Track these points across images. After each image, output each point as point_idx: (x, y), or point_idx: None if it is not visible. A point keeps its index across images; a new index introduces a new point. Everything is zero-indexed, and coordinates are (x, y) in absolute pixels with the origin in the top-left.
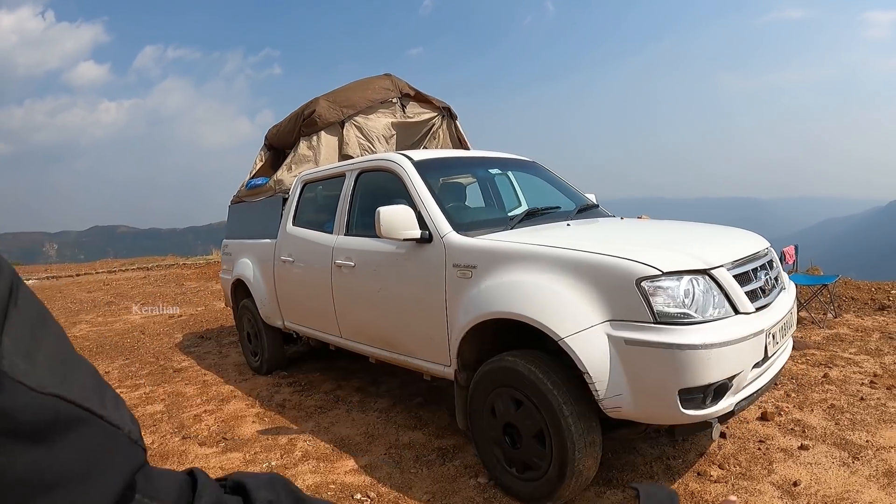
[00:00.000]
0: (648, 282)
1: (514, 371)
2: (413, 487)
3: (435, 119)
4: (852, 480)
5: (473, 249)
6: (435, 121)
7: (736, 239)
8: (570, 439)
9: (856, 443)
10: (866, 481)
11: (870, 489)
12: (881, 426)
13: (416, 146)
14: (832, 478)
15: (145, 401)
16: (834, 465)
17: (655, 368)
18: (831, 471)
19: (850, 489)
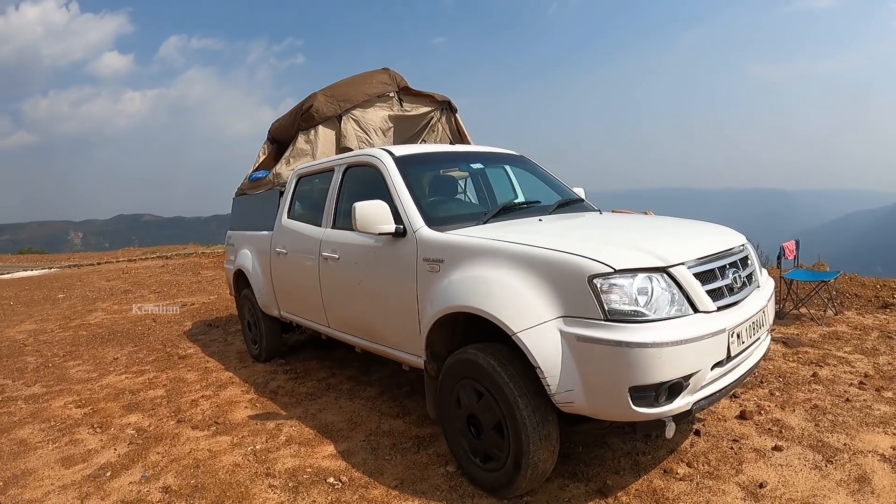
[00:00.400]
0: (601, 279)
1: (475, 363)
2: (384, 473)
3: (433, 112)
4: (821, 484)
5: (441, 244)
6: (433, 114)
7: (706, 236)
8: (525, 432)
9: (832, 445)
10: (836, 486)
11: (838, 494)
12: (862, 429)
13: (415, 139)
14: (801, 481)
15: (148, 386)
16: (805, 467)
17: (606, 365)
18: (801, 473)
19: (818, 493)
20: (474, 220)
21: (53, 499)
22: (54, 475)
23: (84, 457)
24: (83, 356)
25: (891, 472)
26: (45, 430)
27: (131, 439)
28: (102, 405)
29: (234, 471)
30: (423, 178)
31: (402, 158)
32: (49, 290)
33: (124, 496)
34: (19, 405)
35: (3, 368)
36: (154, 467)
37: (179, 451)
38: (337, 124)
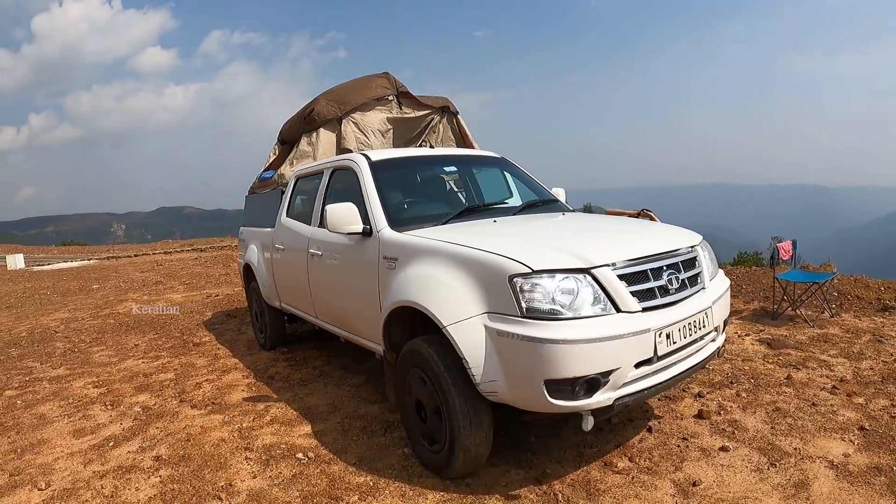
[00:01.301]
0: (520, 279)
1: (419, 354)
2: (348, 452)
3: (432, 115)
4: (757, 487)
5: (398, 243)
6: (433, 117)
7: (645, 238)
8: (456, 418)
9: (782, 449)
10: (771, 490)
11: (771, 498)
12: (818, 435)
13: (414, 141)
14: (737, 482)
15: (160, 370)
16: (746, 469)
17: (523, 359)
18: (740, 475)
19: (750, 496)
20: (435, 222)
21: (61, 463)
22: (65, 444)
23: (93, 429)
24: (107, 342)
25: (834, 480)
26: (63, 406)
27: (136, 416)
28: (117, 386)
29: (219, 444)
30: (397, 182)
31: (376, 163)
32: (85, 280)
33: (121, 462)
34: (44, 385)
35: (35, 352)
36: (151, 439)
37: (176, 427)
38: (337, 127)
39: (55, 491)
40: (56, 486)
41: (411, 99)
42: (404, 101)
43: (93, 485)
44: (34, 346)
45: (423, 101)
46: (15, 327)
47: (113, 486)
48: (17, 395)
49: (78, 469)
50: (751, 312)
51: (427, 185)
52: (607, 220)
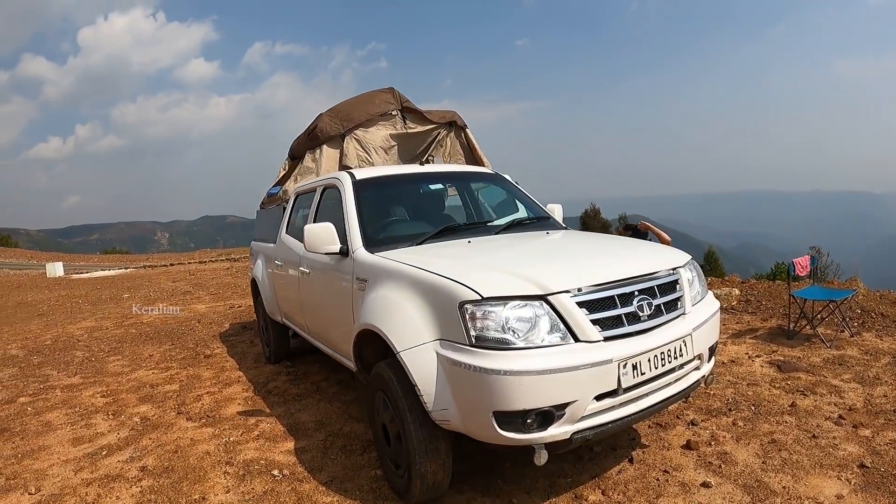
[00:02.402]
0: (471, 305)
1: (382, 377)
2: (323, 470)
3: (438, 130)
4: None
5: (368, 265)
6: (439, 131)
7: (619, 260)
8: (412, 444)
9: (770, 487)
10: None
11: None
12: (813, 472)
13: (420, 156)
14: None
15: (167, 381)
16: None
17: (471, 389)
18: None
19: None
20: (409, 242)
21: (55, 469)
22: (63, 451)
23: (91, 438)
24: (124, 352)
25: None
26: (69, 414)
27: (134, 426)
28: (123, 396)
29: (203, 457)
30: (381, 200)
31: (360, 181)
32: (117, 289)
33: (109, 471)
34: (56, 393)
35: (54, 360)
36: (142, 450)
37: (167, 438)
38: (340, 143)
39: (43, 496)
40: (45, 491)
41: (416, 114)
42: (409, 116)
43: (78, 491)
44: (55, 354)
45: (428, 115)
46: (42, 335)
47: (96, 493)
48: (30, 401)
49: (68, 476)
50: (767, 331)
51: (414, 204)
52: (588, 240)
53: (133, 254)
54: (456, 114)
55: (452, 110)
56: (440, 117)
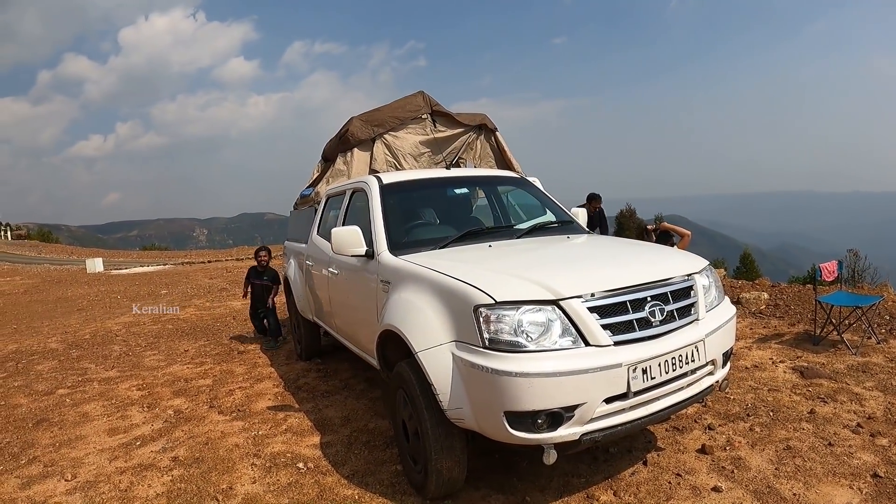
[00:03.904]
0: (485, 309)
1: (402, 376)
2: (346, 464)
3: (469, 133)
4: None
5: (392, 268)
6: (469, 135)
7: (633, 266)
8: (429, 441)
9: (780, 493)
10: None
11: None
12: (825, 480)
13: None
14: None
15: (201, 375)
16: None
17: (484, 390)
18: None
19: None
20: (432, 246)
21: (91, 458)
22: (99, 441)
23: (126, 429)
24: (161, 347)
25: None
26: (105, 406)
27: (168, 418)
28: (158, 389)
29: (232, 449)
30: (407, 204)
31: (386, 186)
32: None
33: (142, 461)
34: (94, 385)
35: (93, 354)
36: (174, 441)
37: (199, 431)
38: (371, 147)
39: (78, 483)
40: (80, 478)
41: (446, 117)
42: (439, 120)
43: (112, 479)
44: (94, 348)
45: (459, 118)
46: (81, 329)
47: (129, 481)
48: (68, 393)
49: (103, 464)
50: (793, 336)
51: (439, 208)
52: (607, 245)
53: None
54: (486, 116)
55: (483, 113)
56: (470, 120)
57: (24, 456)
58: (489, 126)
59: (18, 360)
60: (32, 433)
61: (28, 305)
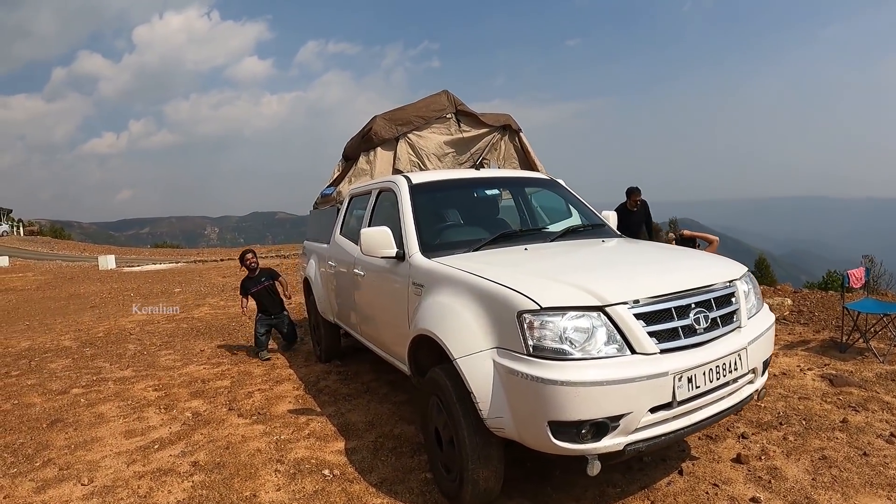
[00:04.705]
0: (529, 315)
1: (437, 382)
2: (373, 472)
3: (493, 134)
4: None
5: (425, 270)
6: (494, 135)
7: (676, 272)
8: (465, 450)
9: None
10: None
11: None
12: (863, 491)
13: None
14: None
15: (218, 377)
16: None
17: (527, 398)
18: None
19: None
20: (465, 248)
21: (108, 462)
22: (115, 444)
23: (143, 431)
24: (176, 347)
25: None
26: (121, 407)
27: (186, 421)
28: (175, 390)
29: (254, 455)
30: (437, 205)
31: (416, 186)
32: (169, 284)
33: (161, 465)
34: (109, 385)
35: (107, 353)
36: (194, 445)
37: (219, 434)
38: (394, 146)
39: (95, 487)
40: (98, 482)
41: (471, 117)
42: (463, 119)
43: (131, 484)
44: (108, 346)
45: (483, 119)
46: (94, 327)
47: (148, 486)
48: (83, 393)
49: (121, 468)
50: (819, 343)
51: (469, 209)
52: (644, 249)
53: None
54: (510, 117)
55: (507, 113)
56: (494, 120)
57: (39, 458)
58: (513, 127)
59: (32, 358)
60: (47, 434)
61: (41, 302)
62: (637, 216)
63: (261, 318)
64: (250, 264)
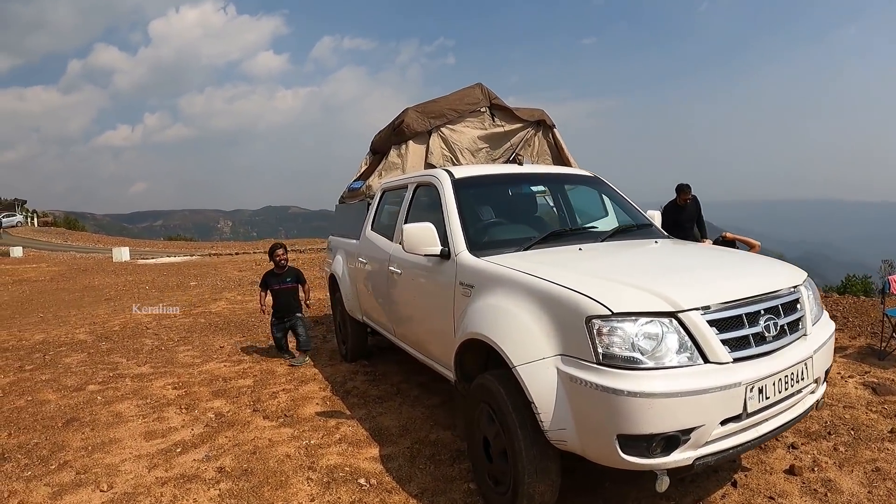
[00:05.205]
0: (599, 321)
1: (488, 389)
2: (412, 481)
3: (528, 129)
4: None
5: (475, 270)
6: (528, 130)
7: (744, 276)
8: (522, 462)
9: None
10: None
11: None
12: None
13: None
14: None
15: (240, 375)
16: None
17: (595, 410)
18: None
19: None
20: (517, 247)
21: (127, 465)
22: (135, 446)
23: (164, 433)
24: (194, 342)
25: None
26: (140, 406)
27: (208, 422)
28: (195, 389)
29: (284, 461)
30: (481, 201)
31: (459, 180)
32: (184, 277)
33: (184, 470)
34: (126, 382)
35: (123, 348)
36: (218, 449)
37: (244, 438)
38: (427, 140)
39: (116, 494)
40: (118, 488)
41: (505, 111)
42: (497, 113)
43: (153, 491)
44: (124, 341)
45: (518, 113)
46: (109, 320)
47: (172, 494)
48: (99, 390)
49: (142, 473)
50: (856, 350)
51: (513, 206)
52: (703, 251)
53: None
54: (544, 112)
55: (540, 108)
56: (529, 115)
57: (54, 460)
58: (547, 122)
59: (46, 352)
60: (62, 434)
61: (55, 293)
62: (688, 213)
63: (275, 322)
64: (280, 261)
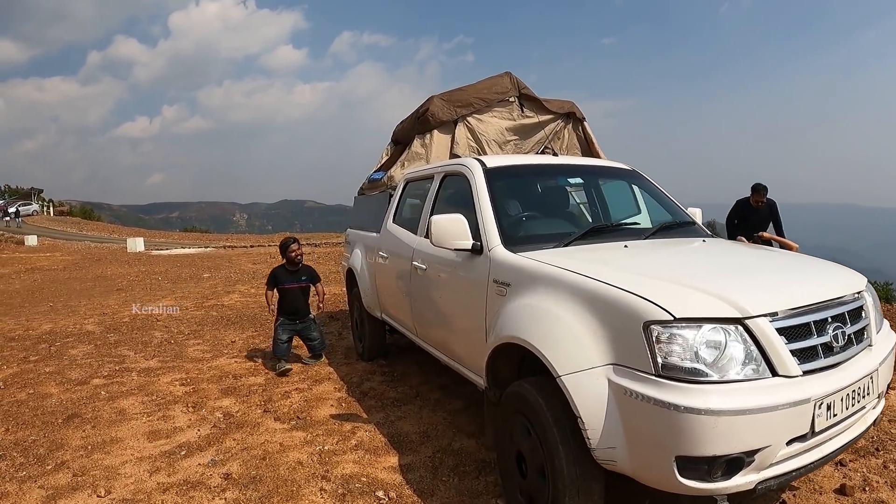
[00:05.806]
0: (658, 327)
1: (525, 399)
2: (434, 495)
3: (558, 121)
4: None
5: (511, 266)
6: (558, 122)
7: (810, 280)
8: (562, 481)
9: None
10: None
11: None
12: None
13: (536, 148)
14: None
15: (251, 372)
16: None
17: (652, 428)
18: None
19: None
20: (556, 242)
21: (127, 469)
22: (137, 447)
23: (169, 433)
24: (205, 336)
25: None
26: (145, 403)
27: (216, 422)
28: (204, 386)
29: (295, 468)
30: (515, 193)
31: (492, 170)
32: (198, 268)
33: (188, 476)
34: (132, 376)
35: (131, 340)
36: (225, 453)
37: (254, 441)
38: (452, 129)
39: (113, 501)
40: (116, 494)
41: (534, 102)
42: (526, 104)
43: (153, 499)
44: (133, 333)
45: (547, 104)
46: (119, 311)
47: (174, 502)
48: (104, 384)
49: (143, 477)
50: None
51: (548, 199)
52: (754, 251)
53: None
54: (574, 104)
55: (570, 100)
56: (559, 107)
57: (51, 459)
58: (578, 115)
59: (52, 343)
60: (62, 431)
61: (66, 283)
62: (761, 216)
63: (283, 322)
64: (295, 257)
